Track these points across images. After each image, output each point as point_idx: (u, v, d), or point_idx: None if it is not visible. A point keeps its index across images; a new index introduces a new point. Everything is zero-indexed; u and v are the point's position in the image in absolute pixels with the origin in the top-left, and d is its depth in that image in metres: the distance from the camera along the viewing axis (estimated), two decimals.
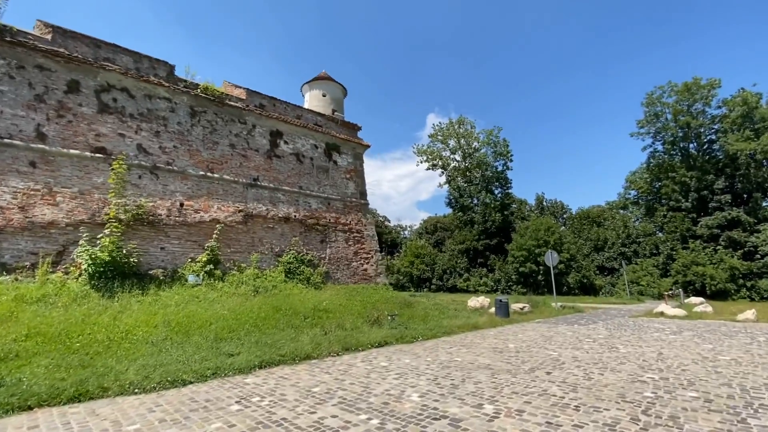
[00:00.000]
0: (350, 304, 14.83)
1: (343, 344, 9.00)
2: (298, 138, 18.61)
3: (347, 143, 20.61)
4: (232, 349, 8.33)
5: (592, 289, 35.00)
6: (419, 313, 14.28)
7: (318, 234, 18.13)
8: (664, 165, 37.46)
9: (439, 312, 15.27)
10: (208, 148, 15.63)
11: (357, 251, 19.34)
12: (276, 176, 17.39)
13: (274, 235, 16.65)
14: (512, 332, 11.53)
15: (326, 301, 14.41)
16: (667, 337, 10.42)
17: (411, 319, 13.25)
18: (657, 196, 39.02)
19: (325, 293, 15.95)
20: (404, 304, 15.71)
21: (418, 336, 10.39)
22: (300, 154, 18.53)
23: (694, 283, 30.86)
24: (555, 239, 33.94)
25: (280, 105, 18.52)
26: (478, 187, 42.03)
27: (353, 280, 18.65)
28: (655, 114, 37.58)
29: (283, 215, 17.08)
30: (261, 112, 17.32)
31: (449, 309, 16.47)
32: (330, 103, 21.29)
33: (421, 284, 40.03)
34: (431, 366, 7.15)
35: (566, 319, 15.49)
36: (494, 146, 43.00)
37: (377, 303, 15.60)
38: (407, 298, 17.58)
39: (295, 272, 16.32)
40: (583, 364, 7.13)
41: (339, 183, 19.84)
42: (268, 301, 12.97)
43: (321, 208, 18.63)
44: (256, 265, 15.42)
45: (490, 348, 8.95)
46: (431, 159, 45.00)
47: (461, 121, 44.33)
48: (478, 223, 40.20)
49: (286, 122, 18.12)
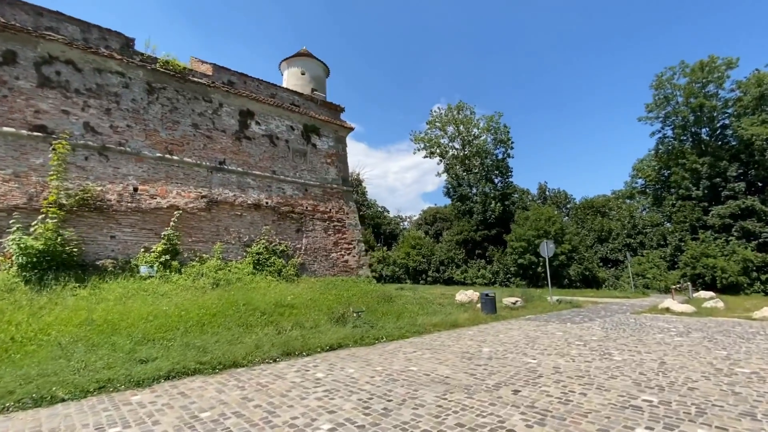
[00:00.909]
0: (322, 298, 13.54)
1: (287, 348, 7.69)
2: (271, 118, 17.17)
3: (328, 125, 19.14)
4: (151, 353, 7.05)
5: (594, 282, 33.39)
6: (396, 309, 12.94)
7: (293, 222, 16.79)
8: (673, 151, 35.41)
9: (420, 307, 13.92)
10: (168, 128, 14.27)
11: (337, 241, 17.99)
12: (245, 159, 16.01)
13: (242, 223, 15.34)
14: (493, 332, 10.14)
15: (293, 295, 13.11)
16: (672, 339, 8.96)
17: (385, 316, 11.92)
18: (666, 185, 37.05)
19: (296, 287, 14.66)
20: (383, 299, 14.38)
21: (382, 336, 9.05)
22: (274, 135, 17.11)
23: (703, 276, 29.14)
24: (556, 229, 32.31)
25: (252, 83, 17.07)
26: (478, 176, 40.33)
27: (332, 272, 17.33)
28: (665, 97, 35.43)
29: (253, 202, 15.74)
30: (229, 89, 15.89)
31: (433, 304, 15.11)
32: (309, 81, 19.77)
33: (417, 276, 38.67)
34: (375, 379, 5.80)
35: (560, 315, 14.06)
36: (494, 133, 41.15)
37: (353, 298, 14.29)
38: (389, 291, 16.24)
39: (264, 264, 15.02)
40: (564, 378, 5.73)
41: (318, 168, 18.43)
42: (226, 296, 11.70)
43: (297, 195, 17.26)
44: (219, 256, 14.14)
45: (459, 353, 7.58)
46: (429, 147, 43.26)
47: (460, 107, 42.45)
48: (476, 213, 38.58)
49: (258, 101, 16.68)
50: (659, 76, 35.42)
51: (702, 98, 32.58)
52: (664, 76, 35.17)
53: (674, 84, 34.88)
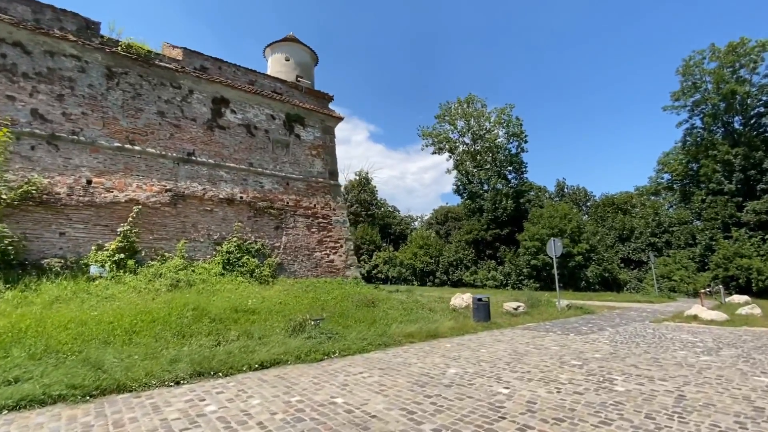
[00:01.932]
0: (294, 303, 12.12)
1: (205, 366, 6.28)
2: (249, 107, 15.92)
3: (314, 114, 17.77)
4: (32, 371, 5.75)
5: (615, 285, 30.88)
6: (373, 316, 11.39)
7: (272, 219, 15.47)
8: (703, 142, 32.46)
9: (404, 313, 12.31)
10: (129, 116, 13.18)
11: (322, 239, 16.57)
12: (218, 151, 14.80)
13: (213, 219, 14.11)
14: (476, 345, 8.47)
15: (261, 299, 11.75)
16: (696, 359, 7.10)
17: (357, 323, 10.38)
18: (694, 179, 34.08)
19: (268, 289, 13.31)
20: (365, 304, 12.85)
21: (335, 351, 7.53)
22: (251, 125, 15.85)
23: (737, 279, 26.35)
24: (572, 227, 30.01)
25: (228, 68, 15.86)
26: (489, 172, 38.26)
27: (315, 273, 15.92)
28: (693, 84, 32.54)
29: (226, 196, 14.50)
30: (200, 75, 14.72)
31: (423, 308, 13.47)
32: (294, 68, 18.45)
33: (425, 278, 36.89)
34: (276, 417, 4.29)
35: (566, 323, 12.20)
36: (506, 126, 38.99)
37: (331, 302, 12.83)
38: (377, 295, 14.68)
39: (235, 264, 13.74)
40: (535, 422, 4.09)
41: (302, 160, 17.07)
42: (181, 299, 10.41)
43: (277, 189, 15.93)
44: (183, 255, 12.93)
45: (415, 376, 5.99)
46: (437, 142, 41.44)
47: (470, 100, 40.42)
48: (487, 211, 36.49)
49: (234, 88, 15.45)
50: (686, 60, 32.59)
51: (733, 84, 29.67)
52: (692, 61, 32.33)
53: (703, 69, 31.99)
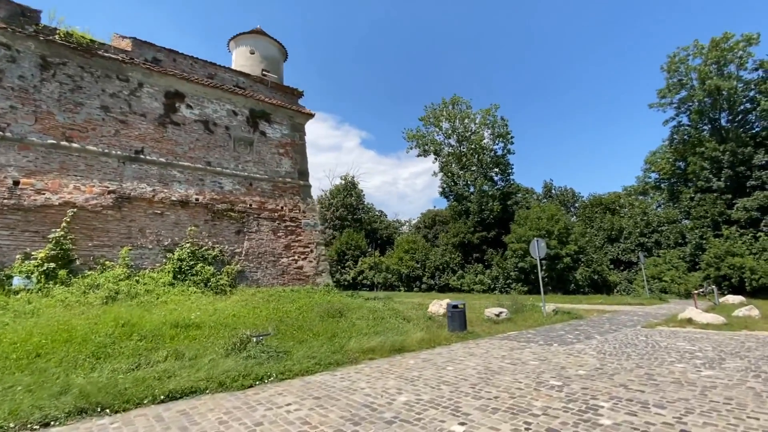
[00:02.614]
0: (250, 315, 10.86)
1: (95, 401, 5.04)
2: (208, 102, 14.72)
3: (281, 110, 16.61)
4: None
5: (605, 287, 30.00)
6: (336, 328, 10.17)
7: (232, 223, 14.21)
8: (690, 140, 31.97)
9: (373, 324, 11.11)
10: (67, 111, 11.89)
11: (289, 244, 15.33)
12: (171, 149, 13.55)
13: (164, 223, 12.81)
14: (443, 361, 7.31)
15: (209, 312, 10.47)
16: (697, 374, 6.01)
17: (314, 337, 9.16)
18: (682, 178, 33.53)
19: (224, 300, 12.02)
20: (330, 314, 11.62)
21: (272, 373, 6.31)
22: (210, 121, 14.64)
23: (729, 278, 25.60)
24: (560, 228, 29.13)
25: (185, 61, 14.67)
26: (475, 174, 37.38)
27: (281, 280, 14.66)
28: (678, 81, 32.11)
29: (179, 198, 13.23)
30: (152, 67, 13.50)
31: (395, 318, 12.26)
32: (260, 62, 17.30)
33: (411, 283, 35.71)
34: None
35: (551, 331, 11.11)
36: (492, 127, 38.23)
37: (292, 313, 11.59)
38: (347, 303, 13.45)
39: (188, 272, 12.45)
40: None
41: (268, 159, 15.87)
42: (113, 314, 9.10)
43: (238, 190, 14.70)
44: (127, 263, 11.61)
45: (354, 407, 4.80)
46: (422, 144, 40.50)
47: (455, 101, 39.62)
48: (473, 214, 35.51)
49: (191, 81, 14.25)
50: (671, 57, 32.12)
51: (717, 80, 29.20)
52: (676, 57, 31.89)
53: (688, 66, 31.57)
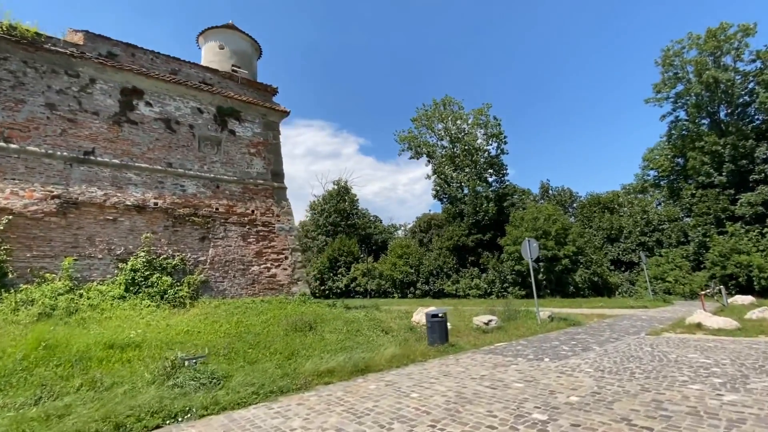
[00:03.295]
0: (206, 331, 9.68)
1: None
2: (170, 99, 13.65)
3: (252, 108, 15.54)
4: None
5: (605, 289, 28.76)
6: (298, 345, 8.98)
7: (196, 228, 13.05)
8: (689, 135, 30.93)
9: (344, 338, 9.92)
10: (7, 109, 10.80)
11: (261, 251, 14.16)
12: (127, 149, 12.44)
13: (117, 231, 11.65)
14: (410, 384, 6.12)
15: (158, 329, 9.28)
16: (719, 401, 4.82)
17: (269, 357, 7.97)
18: (682, 174, 32.46)
19: (181, 315, 10.82)
20: (299, 327, 10.42)
21: (194, 407, 5.12)
22: (172, 119, 13.55)
23: (736, 277, 24.38)
24: (557, 229, 27.96)
25: (144, 56, 13.62)
26: (469, 175, 36.29)
27: (251, 290, 13.46)
28: (674, 75, 31.17)
29: (135, 202, 12.09)
30: (105, 62, 12.44)
31: (373, 330, 11.05)
32: (230, 57, 16.26)
33: (405, 289, 34.45)
34: None
35: (544, 341, 9.91)
36: (485, 127, 37.24)
37: (255, 327, 10.42)
38: (322, 314, 12.24)
39: (142, 284, 11.26)
40: None
41: (237, 159, 14.76)
42: (38, 334, 7.92)
43: (203, 193, 13.57)
44: (71, 275, 10.44)
45: None
46: (414, 146, 39.48)
47: (447, 102, 38.70)
48: (468, 216, 34.36)
49: (150, 77, 13.19)
50: (666, 50, 31.20)
51: (714, 71, 28.24)
52: (671, 51, 30.96)
53: (684, 59, 30.61)
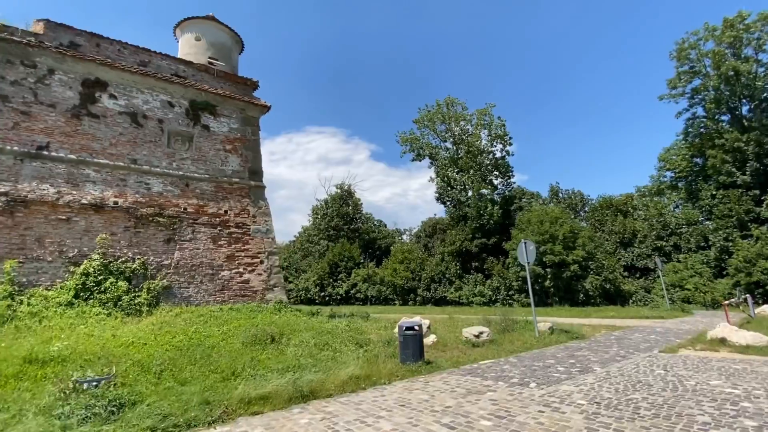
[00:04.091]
0: (153, 344, 8.61)
1: None
2: (137, 91, 12.78)
3: (229, 102, 14.61)
4: None
5: (618, 297, 26.94)
6: (250, 360, 7.83)
7: (161, 230, 12.07)
8: (707, 132, 29.07)
9: (305, 352, 8.72)
10: None
11: (233, 254, 13.10)
12: (86, 144, 11.56)
13: (70, 232, 10.73)
14: (348, 420, 4.88)
15: (93, 342, 8.25)
16: None
17: (205, 377, 6.82)
18: (701, 174, 30.52)
19: (135, 324, 9.78)
20: (260, 340, 9.25)
21: None
22: (139, 113, 12.67)
23: (763, 285, 22.42)
24: (565, 232, 26.34)
25: (111, 46, 12.82)
26: (472, 178, 34.88)
27: (221, 297, 12.38)
28: (690, 69, 29.43)
29: (92, 201, 11.17)
30: (65, 52, 11.64)
31: (343, 344, 9.81)
32: (206, 49, 15.39)
33: (406, 296, 33.10)
34: None
35: (536, 359, 8.55)
36: (489, 127, 35.88)
37: (214, 338, 9.32)
38: (293, 324, 11.05)
39: (94, 290, 10.28)
40: None
41: (211, 156, 13.80)
42: None
43: (171, 192, 12.60)
44: (12, 279, 9.51)
45: None
46: (417, 147, 38.28)
47: (450, 102, 37.48)
48: (471, 219, 32.92)
49: (116, 68, 12.35)
50: (680, 43, 29.52)
51: (734, 63, 26.42)
52: (686, 43, 29.24)
53: (700, 51, 28.86)
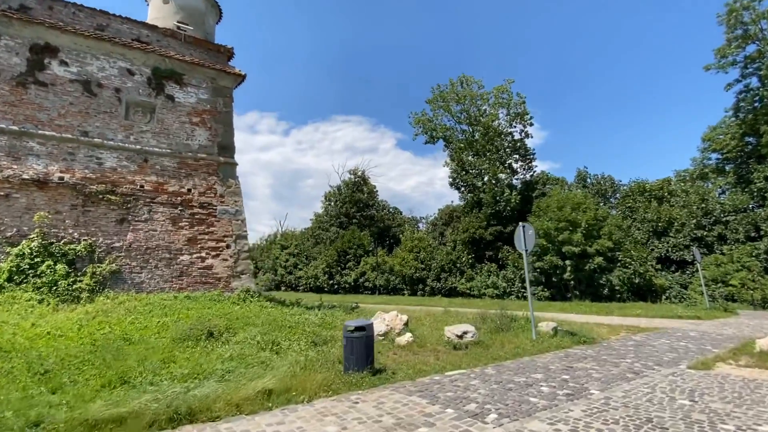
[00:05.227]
0: (73, 336, 7.52)
1: None
2: (92, 57, 11.65)
3: (198, 70, 13.29)
4: None
5: (649, 292, 24.18)
6: (166, 360, 6.54)
7: (113, 209, 10.98)
8: (763, 106, 25.34)
9: (242, 351, 7.34)
10: None
11: (195, 237, 11.89)
12: (32, 114, 10.56)
13: (10, 210, 9.79)
14: None
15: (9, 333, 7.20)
16: None
17: (85, 383, 5.55)
18: (754, 154, 26.81)
19: (67, 313, 8.74)
20: (197, 335, 7.97)
21: None
22: (93, 81, 11.55)
23: None
24: (588, 219, 23.74)
25: (65, 9, 11.71)
26: (489, 161, 32.42)
27: (178, 284, 11.23)
28: (743, 33, 25.61)
29: (35, 176, 10.18)
30: (12, 14, 10.60)
31: (295, 343, 8.39)
32: (175, 13, 14.05)
33: (414, 286, 31.48)
34: None
35: (520, 371, 6.79)
36: (507, 106, 33.13)
37: (146, 332, 8.13)
38: (248, 317, 9.71)
39: (29, 273, 9.31)
40: None
41: (175, 129, 12.57)
42: None
43: (126, 168, 11.48)
44: None
45: None
46: (430, 129, 36.05)
47: (464, 80, 34.90)
48: (486, 205, 30.66)
49: (67, 32, 11.24)
50: (731, 4, 25.65)
51: None
52: (738, 3, 25.36)
53: (757, 12, 24.95)
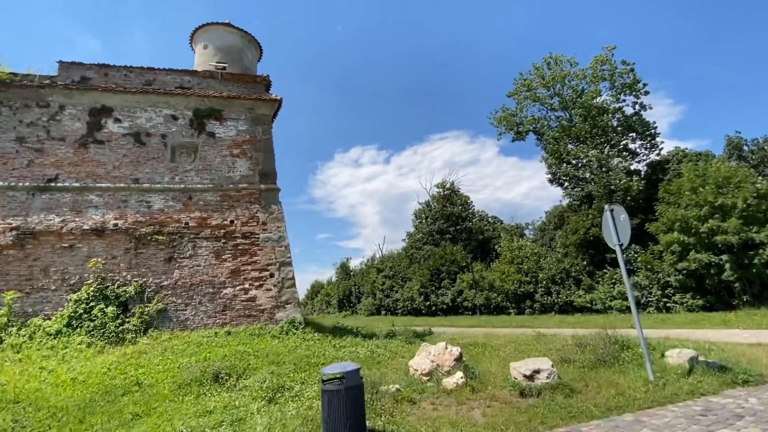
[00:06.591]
0: (92, 383, 7.32)
1: None
2: (141, 111, 12.51)
3: (236, 103, 13.35)
4: None
5: None
6: (138, 412, 5.64)
7: (161, 248, 11.20)
8: None
9: (255, 394, 6.08)
10: None
11: (238, 269, 11.43)
12: (92, 170, 11.55)
13: (73, 259, 10.61)
14: None
15: (19, 381, 7.29)
16: None
17: None
18: None
19: (107, 356, 8.80)
20: (203, 379, 7.09)
21: None
22: (142, 132, 12.31)
23: None
24: (746, 198, 17.35)
25: (118, 73, 12.92)
26: (594, 145, 27.03)
27: (221, 319, 10.76)
28: None
29: (94, 226, 10.93)
30: (71, 86, 12.03)
31: (310, 386, 6.85)
32: (213, 55, 14.52)
33: (520, 303, 27.29)
34: None
35: None
36: (610, 78, 27.46)
37: (157, 376, 7.54)
38: (279, 354, 8.59)
39: (83, 318, 9.76)
40: None
41: (216, 164, 12.62)
42: None
43: (172, 207, 11.74)
44: (11, 309, 9.58)
45: None
46: (516, 124, 31.96)
47: (552, 60, 30.22)
48: (598, 198, 25.30)
49: (118, 92, 12.31)
50: None
51: None
52: None
53: None
